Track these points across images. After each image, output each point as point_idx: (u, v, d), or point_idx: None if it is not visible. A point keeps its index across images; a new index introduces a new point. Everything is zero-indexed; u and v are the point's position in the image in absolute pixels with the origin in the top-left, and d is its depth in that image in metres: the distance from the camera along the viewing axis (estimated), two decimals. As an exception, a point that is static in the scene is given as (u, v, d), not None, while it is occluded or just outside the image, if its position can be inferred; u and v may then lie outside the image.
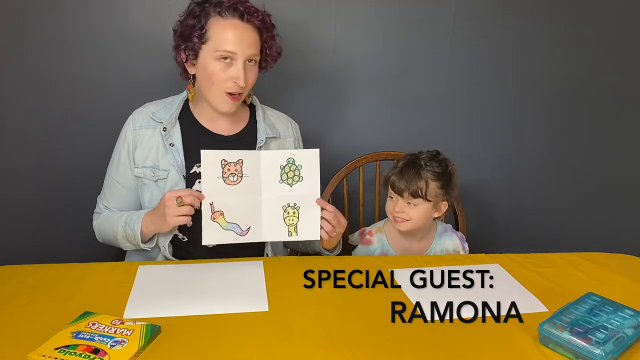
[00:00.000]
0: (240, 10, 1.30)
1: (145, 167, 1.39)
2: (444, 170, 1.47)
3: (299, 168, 1.28)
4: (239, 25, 1.31)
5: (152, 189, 1.39)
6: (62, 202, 1.79)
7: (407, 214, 1.46)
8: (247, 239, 1.28)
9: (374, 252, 1.54)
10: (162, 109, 1.42)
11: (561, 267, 1.32)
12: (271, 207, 1.28)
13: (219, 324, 1.03)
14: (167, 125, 1.39)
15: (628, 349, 0.96)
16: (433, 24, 1.85)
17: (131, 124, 1.41)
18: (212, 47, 1.31)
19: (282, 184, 1.28)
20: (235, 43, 1.30)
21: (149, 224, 1.33)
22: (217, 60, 1.31)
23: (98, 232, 1.45)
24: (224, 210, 1.25)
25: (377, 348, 0.97)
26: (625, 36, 1.96)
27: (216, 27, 1.30)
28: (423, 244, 1.55)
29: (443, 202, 1.48)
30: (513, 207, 2.09)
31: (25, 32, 1.64)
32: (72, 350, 0.91)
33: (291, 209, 1.29)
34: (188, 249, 1.40)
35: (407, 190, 1.44)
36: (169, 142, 1.38)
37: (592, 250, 1.45)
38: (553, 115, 2.02)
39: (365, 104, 1.91)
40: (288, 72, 1.75)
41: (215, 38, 1.30)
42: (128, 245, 1.37)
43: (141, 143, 1.40)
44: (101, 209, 1.45)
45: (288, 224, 1.29)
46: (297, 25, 1.77)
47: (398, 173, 1.47)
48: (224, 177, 1.24)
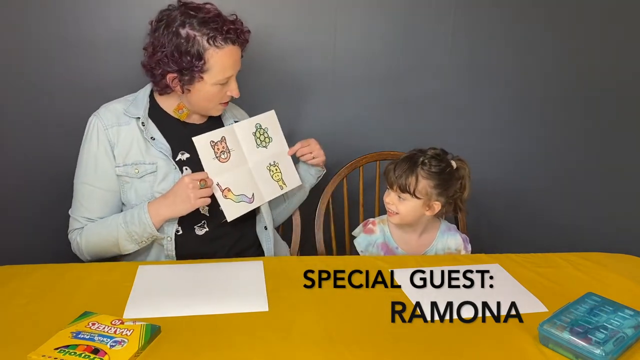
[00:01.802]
0: (232, 37, 1.33)
1: (127, 164, 1.37)
2: (442, 170, 1.45)
3: (266, 130, 1.45)
4: (233, 50, 1.35)
5: (136, 185, 1.38)
6: (62, 202, 1.78)
7: (396, 206, 1.47)
8: (255, 205, 1.41)
9: (375, 241, 1.54)
10: (131, 105, 1.41)
11: (561, 267, 1.32)
12: (259, 171, 1.43)
13: (219, 324, 1.03)
14: (144, 120, 1.39)
15: (628, 349, 0.96)
16: (433, 24, 1.85)
17: (99, 124, 1.37)
18: (212, 75, 1.34)
19: (259, 147, 1.44)
20: (232, 67, 1.36)
21: (162, 211, 1.32)
22: (216, 85, 1.35)
23: (86, 246, 1.37)
24: (230, 186, 1.36)
25: (377, 348, 0.97)
26: (626, 36, 1.96)
27: (215, 59, 1.32)
28: (424, 239, 1.55)
29: (436, 201, 1.46)
30: (513, 207, 2.09)
31: (24, 32, 1.64)
32: (72, 350, 0.91)
33: (273, 166, 1.46)
34: (181, 240, 1.39)
35: (396, 184, 1.45)
36: (149, 136, 1.38)
37: (592, 250, 1.45)
38: (553, 116, 2.02)
39: (365, 104, 1.91)
40: (288, 72, 1.76)
41: (215, 68, 1.33)
42: (131, 247, 1.35)
43: (118, 141, 1.37)
44: (82, 222, 1.38)
45: (276, 180, 1.46)
46: (298, 25, 1.77)
47: (394, 165, 1.48)
48: (217, 157, 1.35)
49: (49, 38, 1.66)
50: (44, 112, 1.72)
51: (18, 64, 1.67)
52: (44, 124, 1.73)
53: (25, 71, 1.68)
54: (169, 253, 1.39)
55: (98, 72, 1.71)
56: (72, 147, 1.75)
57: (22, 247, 1.78)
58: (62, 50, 1.68)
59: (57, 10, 1.65)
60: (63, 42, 1.67)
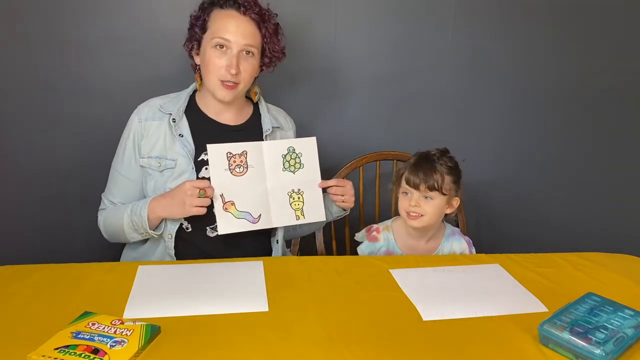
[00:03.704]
0: (238, 2, 1.38)
1: (151, 157, 1.41)
2: (456, 165, 1.49)
3: (299, 156, 1.38)
4: (236, 16, 1.38)
5: (156, 178, 1.41)
6: (62, 202, 1.79)
7: (422, 208, 1.45)
8: (259, 226, 1.36)
9: (379, 250, 1.53)
10: (169, 102, 1.46)
11: (561, 267, 1.32)
12: (277, 194, 1.37)
13: (219, 324, 1.02)
14: (175, 117, 1.42)
15: (628, 349, 0.96)
16: (434, 24, 1.85)
17: (137, 116, 1.43)
18: (210, 35, 1.38)
19: (285, 171, 1.38)
20: (230, 32, 1.37)
21: (157, 210, 1.35)
22: (214, 48, 1.37)
23: (104, 227, 1.46)
24: (234, 200, 1.33)
25: (377, 348, 0.97)
26: (627, 37, 1.96)
27: (215, 17, 1.39)
28: (430, 245, 1.54)
29: (455, 197, 1.49)
30: (513, 207, 2.09)
31: (25, 33, 1.64)
32: (72, 350, 0.91)
33: (296, 194, 1.39)
34: (191, 239, 1.41)
35: (424, 183, 1.44)
36: (178, 133, 1.41)
37: (592, 250, 1.45)
38: (553, 116, 2.02)
39: (366, 104, 1.91)
40: (288, 71, 1.75)
41: (213, 27, 1.38)
42: (135, 235, 1.39)
43: (147, 134, 1.42)
44: (106, 204, 1.46)
45: (295, 209, 1.39)
46: (298, 24, 1.77)
47: (412, 168, 1.47)
48: (231, 169, 1.32)
49: (54, 38, 1.66)
50: (44, 112, 1.72)
51: (20, 64, 1.67)
52: (44, 124, 1.73)
53: (28, 71, 1.68)
54: (169, 252, 1.39)
55: (103, 73, 1.71)
56: (72, 147, 1.76)
57: (22, 247, 1.79)
58: (65, 51, 1.68)
59: (58, 10, 1.65)
60: (67, 43, 1.67)
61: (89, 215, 1.51)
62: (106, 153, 1.49)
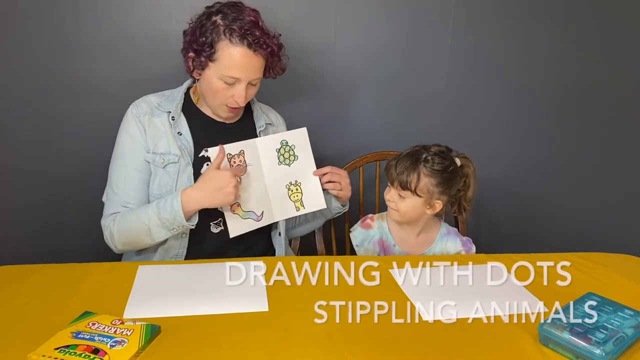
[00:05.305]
0: (249, 40, 1.32)
1: (156, 153, 1.40)
2: (445, 168, 1.43)
3: (293, 148, 1.40)
4: (247, 53, 1.33)
5: (160, 175, 1.39)
6: (62, 202, 1.79)
7: (396, 204, 1.45)
8: (263, 223, 1.38)
9: (372, 237, 1.53)
10: (165, 100, 1.45)
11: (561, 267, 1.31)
12: (276, 189, 1.39)
13: (219, 324, 1.02)
14: (174, 115, 1.42)
15: (628, 349, 0.96)
16: (433, 24, 1.85)
17: (134, 112, 1.41)
18: (218, 68, 1.34)
19: (281, 165, 1.39)
20: (240, 70, 1.34)
21: (199, 199, 1.29)
22: (221, 80, 1.35)
23: (119, 233, 1.35)
24: (239, 201, 1.33)
25: (377, 348, 0.97)
26: (628, 37, 1.96)
27: (225, 51, 1.33)
28: (422, 239, 1.53)
29: (438, 200, 1.45)
30: (513, 207, 2.09)
31: (24, 32, 1.64)
32: (72, 350, 0.91)
33: (294, 186, 1.41)
34: (196, 235, 1.40)
35: (397, 181, 1.43)
36: (177, 131, 1.41)
37: (592, 250, 1.45)
38: (553, 116, 2.02)
39: (366, 104, 1.91)
40: (288, 72, 1.75)
41: (222, 61, 1.33)
42: (163, 233, 1.32)
43: (149, 128, 1.41)
44: (119, 209, 1.38)
45: (294, 200, 1.41)
46: (298, 25, 1.77)
47: (395, 161, 1.45)
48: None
49: (52, 39, 1.66)
50: (44, 112, 1.72)
51: (20, 64, 1.67)
52: (44, 124, 1.73)
53: (28, 72, 1.68)
54: (178, 252, 1.38)
55: (100, 72, 1.71)
56: (72, 147, 1.76)
57: (22, 247, 1.78)
58: (63, 52, 1.68)
59: (57, 10, 1.65)
60: (65, 44, 1.67)
61: (88, 215, 1.51)
62: (106, 154, 1.48)
